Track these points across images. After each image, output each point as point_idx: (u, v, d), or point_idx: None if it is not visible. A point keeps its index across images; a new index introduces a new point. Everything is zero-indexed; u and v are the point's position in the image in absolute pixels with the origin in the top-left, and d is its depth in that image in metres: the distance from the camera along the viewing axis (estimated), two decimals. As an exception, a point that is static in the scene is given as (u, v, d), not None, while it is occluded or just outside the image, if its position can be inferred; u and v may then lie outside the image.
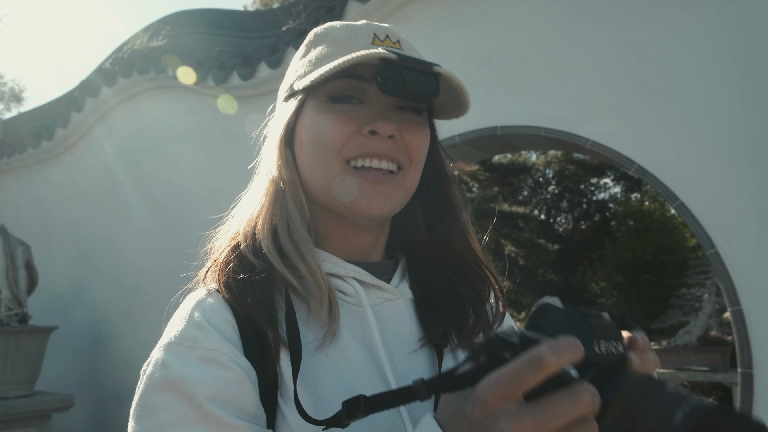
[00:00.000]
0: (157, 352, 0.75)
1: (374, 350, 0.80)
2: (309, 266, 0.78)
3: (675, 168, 3.19)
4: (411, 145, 0.82)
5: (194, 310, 0.77)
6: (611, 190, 16.74)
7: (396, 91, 0.75)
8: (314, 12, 4.49)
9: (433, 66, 0.76)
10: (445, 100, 0.84)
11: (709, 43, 3.18)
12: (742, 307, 2.93)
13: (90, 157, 6.14)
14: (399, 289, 0.87)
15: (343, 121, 0.80)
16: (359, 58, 0.74)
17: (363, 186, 0.79)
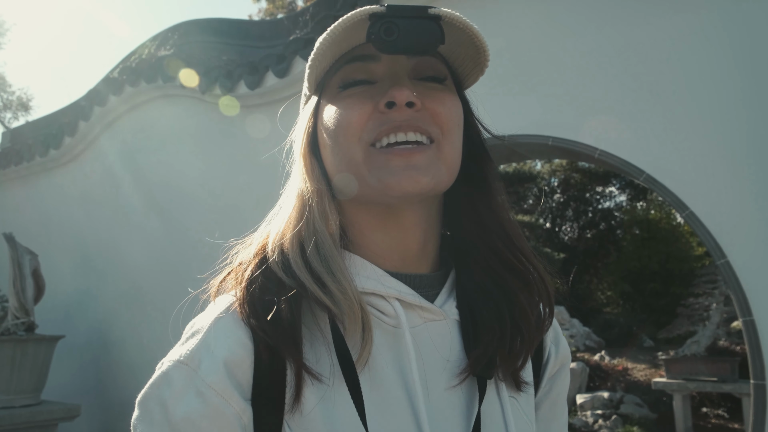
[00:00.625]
0: (167, 363, 0.72)
1: (409, 380, 0.73)
2: (339, 283, 0.70)
3: (684, 177, 3.18)
4: (438, 113, 0.74)
5: (211, 329, 0.71)
6: (616, 198, 16.69)
7: (393, 45, 0.68)
8: (321, 21, 4.50)
9: (429, 8, 0.69)
10: (461, 52, 0.77)
11: (716, 52, 3.17)
12: (754, 317, 2.91)
13: (97, 165, 6.15)
14: (444, 308, 0.79)
15: (357, 103, 0.74)
16: (346, 21, 0.69)
17: (391, 162, 0.71)
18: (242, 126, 5.04)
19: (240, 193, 4.94)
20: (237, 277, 0.75)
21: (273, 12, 15.20)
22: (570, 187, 16.62)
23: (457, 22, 0.71)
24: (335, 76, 0.77)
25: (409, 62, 0.76)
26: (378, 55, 0.75)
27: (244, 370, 0.69)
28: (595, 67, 3.49)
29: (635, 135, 3.32)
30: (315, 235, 0.74)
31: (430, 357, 0.76)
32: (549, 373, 0.89)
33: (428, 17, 0.70)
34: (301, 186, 0.78)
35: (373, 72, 0.76)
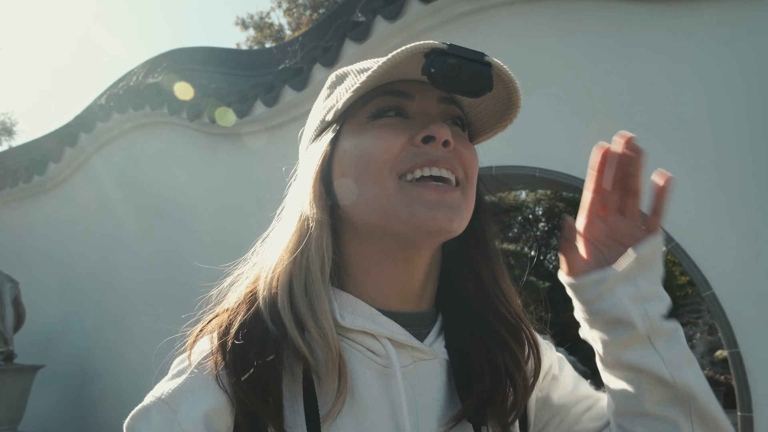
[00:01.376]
0: (152, 398, 0.70)
1: (400, 421, 0.72)
2: (321, 328, 0.69)
3: (669, 209, 3.21)
4: (464, 157, 0.75)
5: (195, 377, 0.70)
6: (600, 227, 16.87)
7: (452, 81, 0.69)
8: (310, 52, 4.55)
9: (484, 55, 0.71)
10: (484, 107, 0.79)
11: (701, 89, 3.25)
12: (740, 349, 2.92)
13: (83, 192, 6.10)
14: (434, 347, 0.79)
15: (391, 134, 0.73)
16: (408, 51, 0.68)
17: (425, 196, 0.71)
18: (230, 153, 5.04)
19: (228, 219, 4.92)
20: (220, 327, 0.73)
21: (261, 40, 15.33)
22: (554, 215, 16.77)
23: (503, 74, 0.73)
24: (365, 107, 0.76)
25: (439, 106, 0.77)
26: (411, 92, 0.76)
27: (226, 420, 0.68)
28: (583, 102, 3.55)
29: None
30: (306, 273, 0.72)
31: (420, 397, 0.76)
32: (537, 387, 0.89)
33: (484, 63, 0.71)
34: (306, 213, 0.75)
35: (406, 108, 0.76)
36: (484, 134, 0.85)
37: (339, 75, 0.83)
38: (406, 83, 0.76)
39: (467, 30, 4.00)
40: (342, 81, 0.81)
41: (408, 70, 0.73)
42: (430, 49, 0.69)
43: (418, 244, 0.75)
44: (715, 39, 3.25)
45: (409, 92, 0.76)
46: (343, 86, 0.79)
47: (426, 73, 0.69)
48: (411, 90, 0.76)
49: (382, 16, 4.16)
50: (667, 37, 3.37)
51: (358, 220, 0.75)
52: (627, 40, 3.47)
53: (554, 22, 3.72)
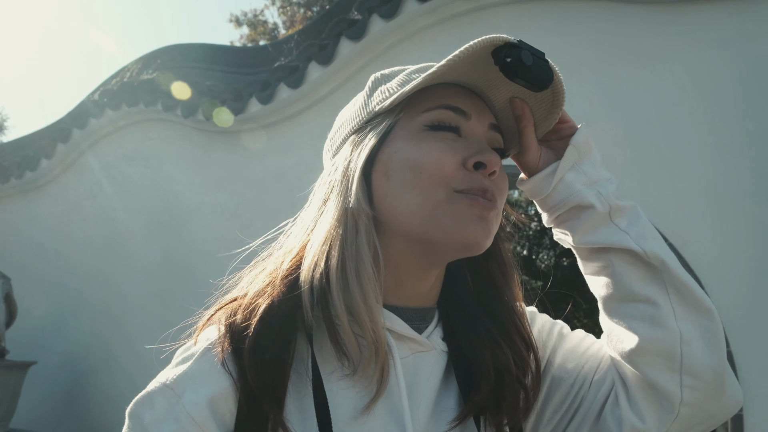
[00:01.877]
0: (156, 383, 0.72)
1: (398, 410, 0.75)
2: (375, 324, 0.71)
3: (665, 213, 3.24)
4: (501, 187, 0.80)
5: (200, 360, 0.71)
6: (592, 227, 16.92)
7: (526, 72, 0.73)
8: (306, 50, 4.54)
9: (543, 53, 0.76)
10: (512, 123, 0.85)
11: (692, 100, 3.27)
12: (731, 348, 2.95)
13: (76, 188, 6.07)
14: (430, 339, 0.83)
15: (449, 151, 0.76)
16: (485, 41, 0.72)
17: (473, 209, 0.75)
18: (225, 150, 5.03)
19: (223, 216, 4.92)
20: (231, 314, 0.74)
21: (255, 38, 15.28)
22: (547, 215, 16.81)
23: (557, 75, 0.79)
24: (423, 115, 0.78)
25: (489, 132, 0.82)
26: (469, 113, 0.79)
27: (229, 406, 0.69)
28: (579, 103, 3.56)
29: (617, 171, 3.38)
30: (358, 263, 0.73)
31: (418, 386, 0.78)
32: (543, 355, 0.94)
33: (546, 60, 0.77)
34: (351, 205, 0.76)
35: (461, 127, 0.79)
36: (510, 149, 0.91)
37: (383, 73, 0.86)
38: (465, 102, 0.79)
39: (464, 29, 4.01)
40: (389, 79, 0.84)
41: (466, 69, 0.76)
42: (504, 42, 0.73)
43: (447, 255, 0.78)
44: (711, 42, 3.28)
45: (468, 112, 0.79)
46: (395, 82, 0.81)
47: (500, 63, 0.73)
48: (470, 110, 0.79)
49: (378, 15, 4.16)
50: (663, 40, 3.39)
51: (395, 221, 0.77)
52: (623, 42, 3.50)
53: (551, 23, 3.74)
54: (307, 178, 0.88)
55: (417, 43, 4.20)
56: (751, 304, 2.99)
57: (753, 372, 2.93)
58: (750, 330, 2.97)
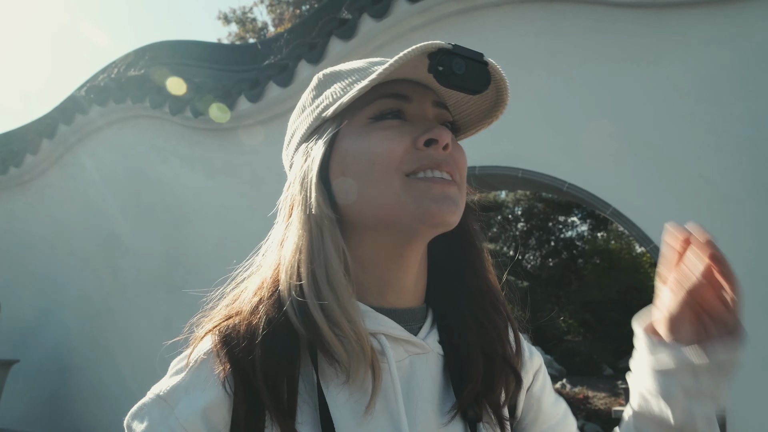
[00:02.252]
0: (150, 395, 0.72)
1: (395, 413, 0.75)
2: (354, 323, 0.71)
3: (649, 212, 3.28)
4: (458, 159, 0.79)
5: (197, 368, 0.72)
6: (578, 228, 17.04)
7: (458, 80, 0.72)
8: (296, 48, 4.54)
9: (482, 55, 0.75)
10: (472, 104, 0.84)
11: (682, 99, 3.31)
12: (715, 350, 2.99)
13: (61, 185, 6.02)
14: (427, 341, 0.82)
15: (396, 136, 0.76)
16: (417, 50, 0.72)
17: (431, 190, 0.75)
18: (213, 148, 5.01)
19: (210, 213, 4.90)
20: (229, 329, 0.74)
21: (243, 36, 15.22)
22: (533, 216, 16.91)
23: (496, 74, 0.77)
24: (366, 108, 0.79)
25: (434, 110, 0.81)
26: (410, 96, 0.79)
27: (224, 416, 0.70)
28: (568, 106, 3.59)
29: (603, 171, 3.42)
30: (327, 269, 0.74)
31: (416, 389, 0.78)
32: (525, 386, 0.92)
33: (482, 62, 0.75)
34: (313, 213, 0.77)
35: (404, 111, 0.79)
36: (467, 131, 0.90)
37: (327, 74, 0.85)
38: (404, 86, 0.79)
39: (454, 30, 4.02)
40: (332, 82, 0.83)
41: (409, 70, 0.76)
42: (437, 48, 0.72)
43: (417, 237, 0.78)
44: (702, 42, 3.31)
45: (408, 96, 0.79)
46: (338, 86, 0.81)
47: (433, 72, 0.73)
48: (410, 93, 0.79)
49: (368, 15, 4.17)
50: (655, 40, 3.42)
51: (360, 217, 0.77)
52: (614, 43, 3.52)
53: (541, 25, 3.76)
54: None
55: (407, 44, 4.17)
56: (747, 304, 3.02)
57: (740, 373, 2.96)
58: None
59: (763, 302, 2.98)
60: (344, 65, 0.84)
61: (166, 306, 4.94)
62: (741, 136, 3.17)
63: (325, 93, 0.83)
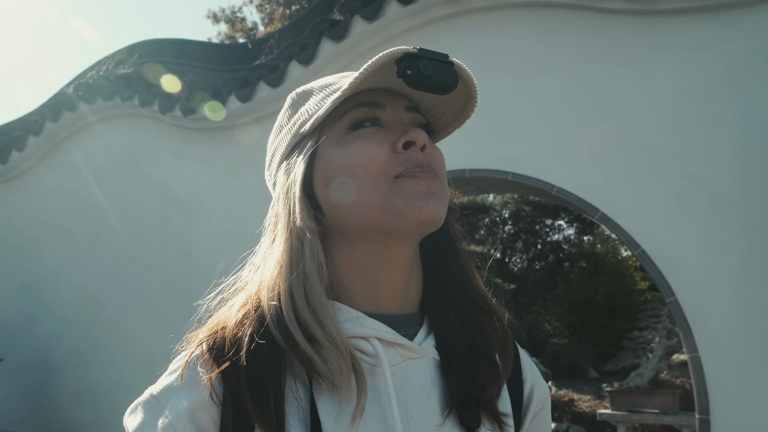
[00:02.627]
0: (146, 394, 0.76)
1: (388, 417, 0.76)
2: (329, 333, 0.73)
3: (637, 217, 3.31)
4: (437, 159, 0.82)
5: (188, 370, 0.75)
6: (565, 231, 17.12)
7: (426, 82, 0.75)
8: (287, 49, 4.53)
9: (448, 56, 0.78)
10: (445, 104, 0.86)
11: (669, 104, 3.34)
12: (699, 354, 3.02)
13: (48, 182, 5.96)
14: (422, 346, 0.82)
15: (375, 143, 0.78)
16: (385, 56, 0.74)
17: (417, 186, 0.77)
18: (202, 147, 4.99)
19: (198, 212, 4.88)
20: (218, 342, 0.76)
21: (232, 35, 15.15)
22: (520, 219, 16.97)
23: (464, 74, 0.80)
24: (342, 120, 0.81)
25: (407, 114, 0.84)
26: (383, 103, 0.82)
27: (212, 416, 0.72)
28: (557, 110, 3.62)
29: (592, 175, 3.45)
30: (305, 282, 0.76)
31: (410, 393, 0.79)
32: (533, 410, 0.92)
33: (449, 62, 0.78)
34: (296, 225, 0.79)
35: (379, 118, 0.82)
36: (442, 133, 0.92)
37: (299, 93, 0.88)
38: (376, 94, 0.82)
39: (446, 33, 4.04)
40: (305, 99, 0.86)
41: (379, 78, 0.79)
42: (404, 53, 0.75)
43: (406, 238, 0.80)
44: (691, 46, 3.35)
45: (381, 103, 0.81)
46: (310, 103, 0.84)
47: (402, 76, 0.75)
48: (382, 101, 0.82)
49: (360, 17, 4.17)
50: (644, 45, 3.46)
51: (349, 223, 0.79)
52: (604, 48, 3.56)
53: (532, 29, 3.79)
54: None
55: (399, 46, 4.21)
56: (719, 309, 3.07)
57: (719, 376, 3.01)
58: (717, 335, 3.05)
59: (752, 304, 3.02)
60: (315, 82, 0.87)
61: (154, 305, 4.92)
62: (729, 140, 3.21)
63: (300, 110, 0.85)
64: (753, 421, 2.93)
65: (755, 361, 2.94)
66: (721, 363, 3.01)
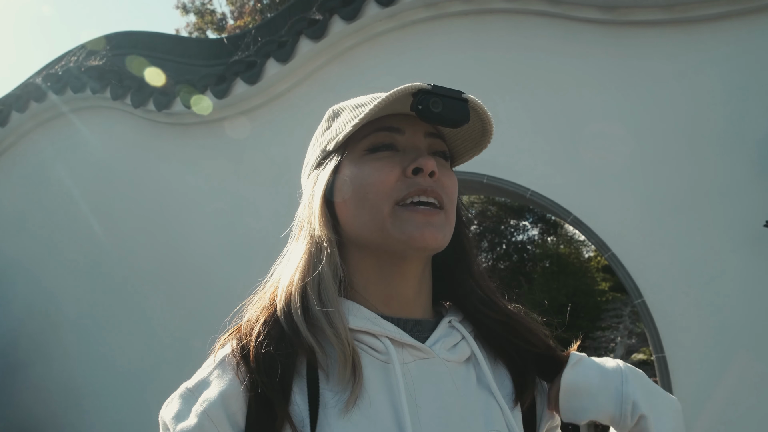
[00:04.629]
0: (181, 389, 0.83)
1: (399, 411, 0.80)
2: (334, 326, 0.81)
3: (607, 220, 3.42)
4: (447, 185, 0.88)
5: (218, 364, 0.83)
6: (529, 232, 17.41)
7: (437, 117, 0.82)
8: (264, 46, 4.52)
9: (461, 93, 0.85)
10: (463, 134, 0.93)
11: (637, 113, 3.46)
12: (665, 353, 3.14)
13: (11, 175, 5.80)
14: (434, 348, 0.88)
15: (386, 167, 0.85)
16: (399, 92, 0.81)
17: (415, 218, 0.83)
18: (176, 144, 4.94)
19: (168, 208, 4.83)
20: (241, 334, 0.85)
21: (201, 27, 14.95)
22: (486, 218, 17.19)
23: (478, 108, 0.87)
24: (363, 141, 0.88)
25: (426, 140, 0.90)
26: (402, 128, 0.89)
27: (240, 405, 0.79)
28: (532, 116, 3.71)
29: (565, 179, 3.54)
30: (320, 281, 0.84)
31: (421, 391, 0.84)
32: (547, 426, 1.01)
33: (462, 99, 0.85)
34: (316, 233, 0.88)
35: (397, 142, 0.89)
36: (462, 158, 1.00)
37: (335, 110, 0.96)
38: (398, 119, 0.89)
39: (422, 36, 4.09)
40: (339, 115, 0.94)
41: (399, 107, 0.86)
42: (417, 89, 0.82)
43: (409, 258, 0.88)
44: (655, 60, 3.47)
45: (400, 128, 0.88)
46: (341, 120, 0.92)
47: (414, 110, 0.83)
48: (402, 126, 0.88)
49: (339, 16, 4.19)
50: (616, 53, 3.57)
51: (359, 238, 0.87)
52: (578, 54, 3.66)
53: (507, 35, 3.87)
54: (258, 175, 0.98)
55: (377, 47, 4.25)
56: (685, 311, 3.19)
57: (684, 375, 3.13)
58: (682, 336, 3.17)
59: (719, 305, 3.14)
60: (350, 101, 0.94)
61: (119, 301, 4.85)
62: (700, 144, 3.33)
63: (332, 126, 0.94)
64: (717, 420, 3.06)
65: (720, 362, 3.07)
66: (686, 363, 3.13)
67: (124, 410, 4.60)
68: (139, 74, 4.99)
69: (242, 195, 4.54)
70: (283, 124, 4.53)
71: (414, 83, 0.83)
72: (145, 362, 4.59)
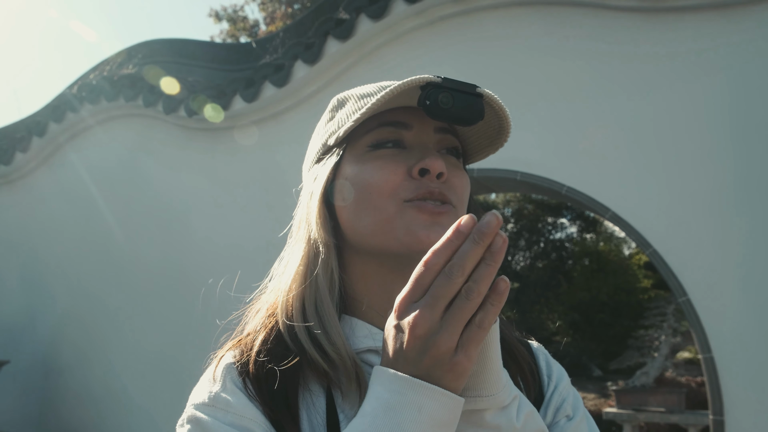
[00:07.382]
0: (190, 411, 0.75)
1: None
2: (334, 344, 0.76)
3: (648, 216, 3.28)
4: (456, 186, 0.81)
5: (226, 376, 0.77)
6: (567, 230, 17.09)
7: (446, 113, 0.74)
8: (292, 48, 4.50)
9: (476, 87, 0.76)
10: (479, 130, 0.85)
11: (682, 106, 3.32)
12: (713, 354, 3.00)
13: (51, 184, 5.93)
14: None
15: (390, 165, 0.78)
16: (405, 84, 0.73)
17: (421, 217, 0.76)
18: (207, 149, 4.96)
19: (200, 213, 4.85)
20: (243, 347, 0.80)
21: (234, 34, 15.12)
22: (523, 217, 16.95)
23: (494, 104, 0.78)
24: (366, 136, 0.81)
25: (436, 136, 0.82)
26: (410, 123, 0.81)
27: (254, 413, 0.74)
28: (567, 109, 3.59)
29: (602, 173, 3.42)
30: (316, 295, 0.79)
31: None
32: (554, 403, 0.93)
33: (476, 94, 0.76)
34: (313, 235, 0.82)
35: (404, 138, 0.81)
36: (477, 155, 0.91)
37: (340, 99, 0.88)
38: (406, 113, 0.81)
39: (452, 32, 4.01)
40: (343, 105, 0.86)
41: (406, 99, 0.78)
42: (426, 82, 0.74)
43: (414, 263, 0.78)
44: (698, 49, 3.33)
45: (408, 123, 0.80)
46: (344, 111, 0.84)
47: (422, 106, 0.75)
48: (410, 121, 0.80)
49: (366, 15, 4.15)
50: (658, 44, 3.43)
51: (360, 241, 0.80)
52: (614, 46, 3.53)
53: (540, 28, 3.76)
54: (290, 176, 0.91)
55: (405, 45, 4.19)
56: (732, 309, 3.04)
57: (733, 376, 2.98)
58: (730, 335, 3.02)
59: (765, 303, 2.99)
60: (356, 90, 0.87)
61: (158, 306, 4.90)
62: (735, 143, 3.18)
63: (335, 117, 0.86)
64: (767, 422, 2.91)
65: (770, 362, 2.92)
66: (735, 363, 2.98)
67: (163, 410, 4.64)
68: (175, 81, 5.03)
69: (276, 199, 4.52)
70: (312, 127, 4.49)
71: (423, 75, 0.74)
72: (180, 359, 4.62)
